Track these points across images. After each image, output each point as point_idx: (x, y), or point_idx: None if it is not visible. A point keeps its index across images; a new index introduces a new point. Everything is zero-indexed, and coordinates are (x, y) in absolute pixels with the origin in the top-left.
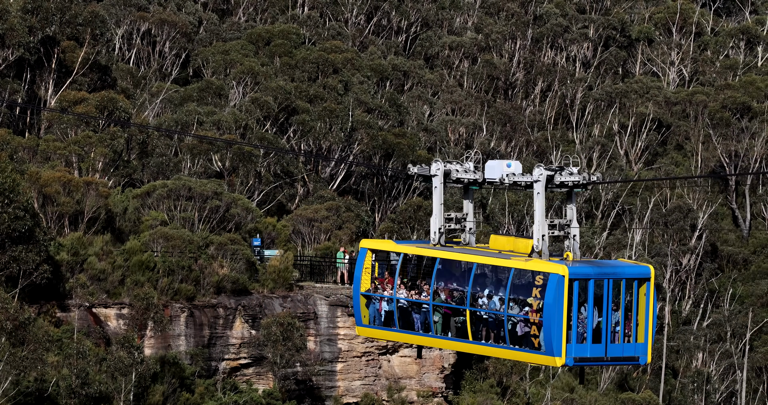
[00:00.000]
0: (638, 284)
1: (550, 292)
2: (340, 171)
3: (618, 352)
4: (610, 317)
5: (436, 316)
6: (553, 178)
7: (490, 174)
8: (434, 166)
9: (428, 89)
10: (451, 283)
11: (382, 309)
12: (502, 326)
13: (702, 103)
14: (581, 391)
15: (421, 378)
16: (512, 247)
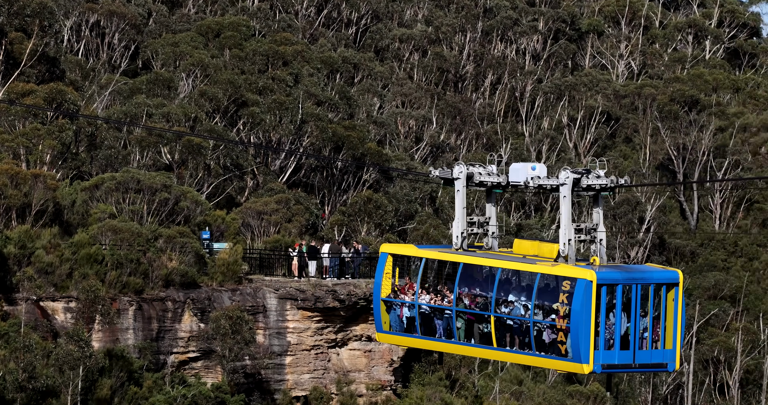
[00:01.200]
0: (666, 289)
1: (577, 297)
2: (290, 163)
3: (646, 359)
4: (638, 323)
5: (459, 322)
6: (580, 181)
7: (514, 177)
8: (457, 169)
9: (378, 82)
10: (475, 288)
11: (404, 315)
12: (527, 333)
13: (650, 96)
14: (530, 383)
15: (371, 371)
16: (537, 252)
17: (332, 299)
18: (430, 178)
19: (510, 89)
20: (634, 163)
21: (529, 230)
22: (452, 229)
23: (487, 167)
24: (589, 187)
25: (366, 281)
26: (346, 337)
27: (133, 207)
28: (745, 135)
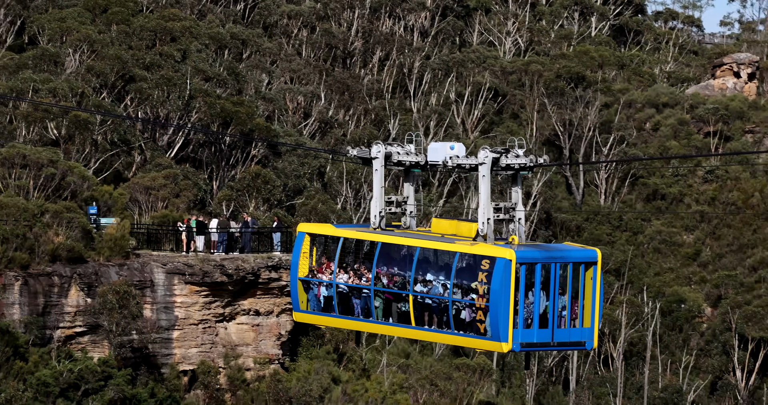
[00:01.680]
0: (585, 268)
1: (496, 276)
2: (177, 139)
3: (565, 337)
4: (557, 302)
5: (377, 301)
6: (499, 160)
7: (432, 156)
8: (375, 148)
9: (267, 58)
10: (393, 267)
11: (321, 294)
12: (446, 311)
13: (537, 73)
14: (417, 357)
15: (258, 345)
16: (455, 231)
17: (220, 274)
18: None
19: (398, 65)
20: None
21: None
22: (371, 208)
23: (406, 147)
24: (508, 166)
25: (254, 256)
26: (234, 311)
27: (19, 182)
28: (630, 111)
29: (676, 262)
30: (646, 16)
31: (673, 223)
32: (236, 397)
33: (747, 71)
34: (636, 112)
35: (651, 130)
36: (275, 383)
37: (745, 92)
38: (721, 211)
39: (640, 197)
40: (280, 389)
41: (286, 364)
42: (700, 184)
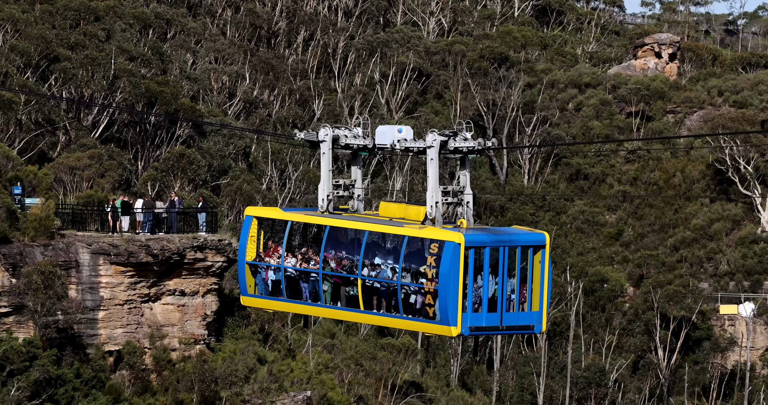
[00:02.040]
0: (533, 251)
1: (445, 260)
2: (102, 119)
3: (513, 320)
4: (506, 286)
5: (326, 285)
6: (447, 143)
7: (380, 140)
8: (322, 131)
9: (191, 38)
10: (341, 251)
11: (269, 278)
12: (395, 295)
13: (461, 53)
14: (342, 337)
15: (184, 325)
16: (403, 215)
17: (145, 254)
18: (294, 141)
19: (322, 46)
20: (445, 118)
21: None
22: (318, 191)
23: (353, 129)
24: (456, 149)
25: (179, 236)
26: (160, 291)
27: None
28: (553, 91)
29: (599, 242)
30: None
31: (595, 203)
32: (162, 378)
33: (668, 51)
34: (559, 92)
35: (574, 111)
36: (201, 364)
37: (666, 72)
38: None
39: (563, 177)
40: (206, 369)
41: (212, 345)
42: (622, 164)
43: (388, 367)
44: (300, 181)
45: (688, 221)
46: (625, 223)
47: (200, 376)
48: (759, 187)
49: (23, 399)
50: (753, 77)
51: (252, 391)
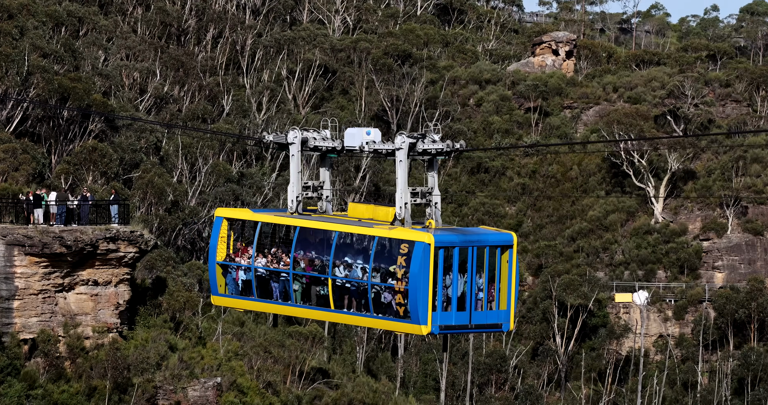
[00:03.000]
0: (501, 251)
1: (415, 260)
2: (16, 114)
3: (482, 319)
4: (474, 285)
5: (296, 284)
6: (416, 145)
7: (349, 142)
8: (291, 134)
9: (103, 35)
10: (311, 251)
11: (239, 278)
12: (365, 295)
13: (365, 50)
14: (251, 325)
15: (97, 314)
16: (372, 215)
17: (59, 245)
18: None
19: (231, 43)
20: (350, 114)
21: (251, 178)
22: (288, 193)
23: (322, 132)
24: (424, 151)
25: (92, 228)
26: (73, 281)
27: None
28: (455, 87)
29: None
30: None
31: (495, 195)
32: (76, 365)
33: (565, 49)
34: (460, 88)
35: (474, 106)
36: (114, 351)
37: (563, 69)
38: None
39: (464, 170)
40: (119, 357)
41: (125, 333)
42: (521, 157)
43: (296, 354)
44: (210, 174)
45: (584, 213)
46: (524, 214)
47: (113, 364)
48: (652, 180)
49: None
50: (646, 74)
51: (164, 378)
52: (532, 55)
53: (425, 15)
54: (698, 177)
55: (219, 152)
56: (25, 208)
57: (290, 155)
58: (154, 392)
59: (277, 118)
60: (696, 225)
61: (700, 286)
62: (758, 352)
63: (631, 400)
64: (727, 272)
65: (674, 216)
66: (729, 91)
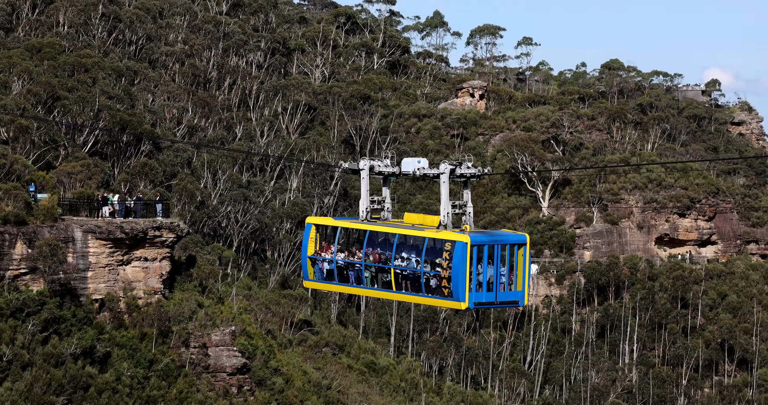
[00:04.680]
0: (518, 248)
1: (457, 254)
2: (90, 139)
3: (504, 297)
4: (499, 272)
5: (367, 272)
6: (455, 170)
7: (405, 168)
8: (362, 162)
9: (151, 83)
10: (378, 248)
11: (324, 268)
12: (419, 280)
13: (337, 93)
14: (256, 289)
15: (147, 281)
16: (422, 222)
17: (120, 232)
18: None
19: (242, 89)
20: (327, 139)
21: (256, 184)
22: (360, 205)
23: (384, 161)
24: (462, 174)
25: (143, 220)
26: (130, 258)
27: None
28: (401, 120)
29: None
30: (410, 54)
31: (430, 196)
32: (132, 317)
33: (479, 93)
34: (405, 120)
35: (415, 133)
36: (159, 307)
37: (477, 107)
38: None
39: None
40: (162, 312)
41: (166, 295)
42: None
43: (288, 309)
44: (226, 181)
45: (493, 209)
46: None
47: (158, 316)
48: (540, 185)
49: (36, 332)
50: (536, 111)
51: (194, 327)
52: (456, 97)
53: (380, 68)
54: (572, 183)
55: (233, 166)
56: (96, 206)
57: (361, 178)
58: (187, 337)
59: (275, 142)
60: (571, 217)
61: (574, 261)
62: (614, 307)
63: (525, 342)
64: (593, 251)
65: (556, 211)
66: (594, 123)
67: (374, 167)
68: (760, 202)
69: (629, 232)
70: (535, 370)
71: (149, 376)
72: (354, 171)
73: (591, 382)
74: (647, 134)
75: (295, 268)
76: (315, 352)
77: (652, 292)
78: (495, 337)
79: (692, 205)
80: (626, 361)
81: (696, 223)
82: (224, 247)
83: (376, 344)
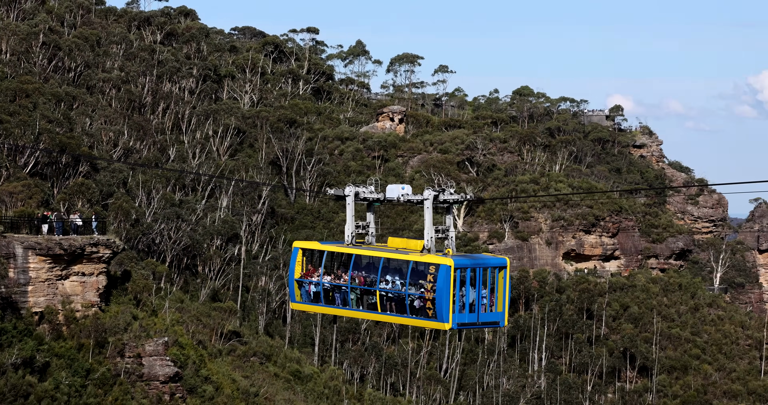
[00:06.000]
0: (498, 270)
1: (441, 277)
2: (30, 160)
3: (486, 318)
4: (480, 294)
5: (353, 295)
6: (438, 196)
7: (390, 194)
8: (347, 188)
9: (89, 108)
10: (363, 271)
11: (311, 290)
12: (403, 302)
13: (265, 118)
14: (188, 301)
15: (84, 295)
16: (405, 246)
17: (59, 248)
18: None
19: (175, 113)
20: (255, 160)
21: (188, 203)
22: (345, 229)
23: (368, 187)
24: (444, 200)
25: (81, 237)
26: (68, 272)
27: None
28: (325, 142)
29: None
30: (334, 81)
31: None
32: (70, 329)
33: (398, 117)
34: (329, 143)
35: (338, 155)
36: (95, 320)
37: (397, 131)
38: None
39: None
40: (99, 324)
41: (103, 308)
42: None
43: (218, 321)
44: (160, 200)
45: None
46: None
47: (95, 328)
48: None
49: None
50: (452, 134)
51: (129, 338)
52: (377, 121)
53: (305, 94)
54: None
55: (166, 186)
56: (36, 224)
57: (347, 204)
58: (122, 347)
59: (206, 163)
60: (485, 234)
61: None
62: (525, 318)
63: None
64: None
65: (470, 228)
66: (506, 146)
67: (359, 193)
68: (660, 220)
69: (538, 247)
70: (450, 378)
71: (86, 384)
72: (339, 197)
73: (502, 388)
74: (555, 156)
75: (225, 282)
76: (243, 361)
77: (559, 303)
78: (413, 347)
79: (597, 223)
80: (535, 368)
81: (600, 239)
82: (158, 262)
83: (301, 354)
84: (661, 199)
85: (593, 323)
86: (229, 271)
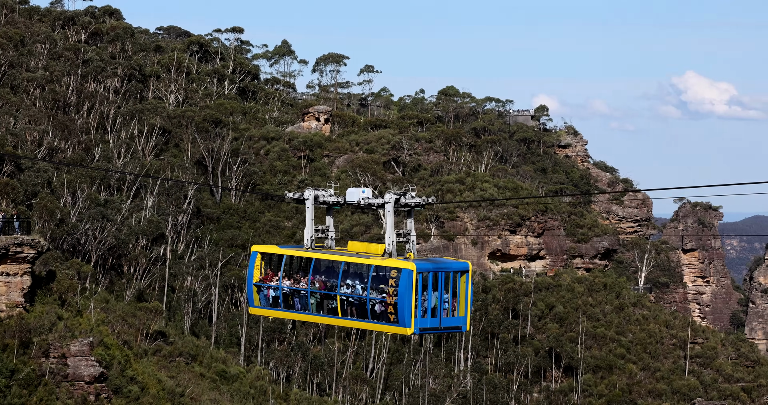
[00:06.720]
0: (460, 275)
1: (403, 281)
2: None
3: (448, 323)
4: (442, 298)
5: (313, 299)
6: (399, 200)
7: (350, 198)
8: (307, 192)
9: (13, 107)
10: (323, 275)
11: (270, 295)
12: (365, 306)
13: (191, 117)
14: (113, 301)
15: (9, 295)
16: (366, 250)
17: None
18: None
19: (100, 112)
20: (181, 160)
21: (113, 203)
22: (305, 233)
23: (328, 191)
24: (406, 204)
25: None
26: None
27: None
28: (251, 142)
29: (280, 240)
30: (260, 81)
31: (278, 214)
32: None
33: (324, 117)
34: (254, 143)
35: (264, 155)
36: (20, 320)
37: (323, 131)
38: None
39: (257, 198)
40: (23, 324)
41: (27, 308)
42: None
43: (143, 321)
44: (85, 200)
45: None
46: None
47: (19, 328)
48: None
49: None
50: (378, 134)
51: (54, 338)
52: (302, 121)
53: (231, 94)
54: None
55: (91, 186)
56: None
57: (306, 208)
58: (47, 347)
59: (131, 163)
60: None
61: None
62: None
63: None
64: None
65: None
66: (431, 146)
67: (318, 197)
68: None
69: (464, 247)
70: (376, 377)
71: (11, 385)
72: (298, 201)
73: (428, 387)
74: (481, 156)
75: (150, 282)
76: (169, 361)
77: (485, 303)
78: (339, 346)
79: (522, 223)
80: (461, 368)
81: (526, 239)
82: (83, 262)
83: (227, 354)
84: (586, 199)
85: (519, 323)
86: (155, 271)
